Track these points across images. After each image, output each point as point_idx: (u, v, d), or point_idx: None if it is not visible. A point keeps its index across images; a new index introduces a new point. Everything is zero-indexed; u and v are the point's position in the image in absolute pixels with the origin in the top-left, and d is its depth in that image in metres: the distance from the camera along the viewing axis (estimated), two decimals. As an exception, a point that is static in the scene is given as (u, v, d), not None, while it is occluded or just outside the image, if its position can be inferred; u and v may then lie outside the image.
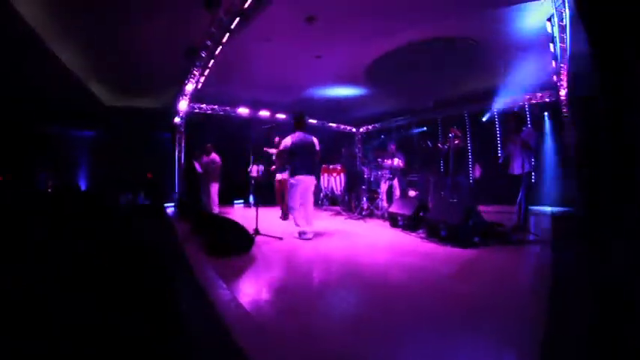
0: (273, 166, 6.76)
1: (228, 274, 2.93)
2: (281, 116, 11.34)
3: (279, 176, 6.57)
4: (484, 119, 10.07)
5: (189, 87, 8.32)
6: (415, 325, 1.98)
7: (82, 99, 9.59)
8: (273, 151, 6.81)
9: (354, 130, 14.54)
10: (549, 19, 5.24)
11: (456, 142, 5.44)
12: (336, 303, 2.39)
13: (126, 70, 8.39)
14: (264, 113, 11.06)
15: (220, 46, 6.55)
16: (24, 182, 9.47)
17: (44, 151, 9.73)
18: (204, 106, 10.26)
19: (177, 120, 9.75)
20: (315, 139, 4.72)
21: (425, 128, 11.51)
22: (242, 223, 3.94)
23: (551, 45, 5.96)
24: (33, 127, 9.55)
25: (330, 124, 13.43)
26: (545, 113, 8.84)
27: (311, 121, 12.18)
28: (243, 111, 10.75)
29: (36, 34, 6.20)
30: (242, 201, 11.11)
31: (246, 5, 5.31)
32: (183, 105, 9.27)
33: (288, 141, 4.49)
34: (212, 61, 7.20)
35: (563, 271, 3.00)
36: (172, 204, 9.89)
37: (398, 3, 5.85)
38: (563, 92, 7.69)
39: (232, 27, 5.82)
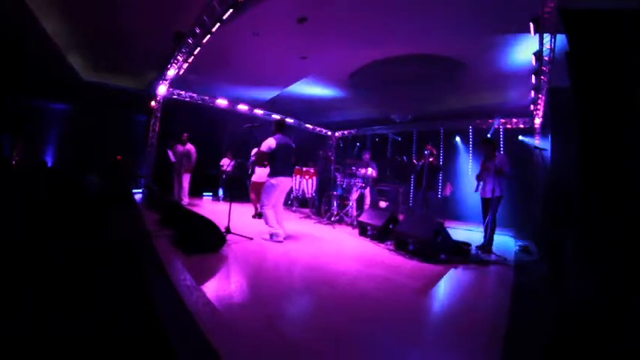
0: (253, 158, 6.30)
1: (199, 272, 2.88)
2: (259, 111, 11.21)
3: (254, 177, 6.39)
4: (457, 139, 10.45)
5: (171, 72, 8.05)
6: (381, 334, 2.04)
7: (59, 69, 9.03)
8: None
9: (329, 133, 14.54)
10: (535, 54, 5.51)
11: (431, 159, 5.59)
12: (307, 309, 2.42)
13: (109, 46, 8.01)
14: (242, 107, 10.86)
15: (209, 35, 6.40)
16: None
17: (12, 119, 9.02)
18: (183, 92, 9.93)
19: (153, 104, 9.39)
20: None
21: (400, 139, 11.72)
22: (214, 219, 3.87)
23: (533, 77, 6.32)
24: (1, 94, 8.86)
25: (307, 125, 13.39)
26: (520, 137, 9.30)
27: (288, 120, 12.11)
28: (221, 102, 10.49)
29: None
30: (211, 194, 10.87)
31: (241, -2, 5.21)
32: (162, 89, 8.95)
33: (272, 143, 4.46)
34: (198, 48, 7.01)
35: (523, 293, 3.17)
36: (140, 190, 9.50)
37: (391, 16, 5.98)
38: (537, 120, 8.11)
39: (225, 17, 5.71)
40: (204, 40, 6.60)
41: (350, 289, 2.88)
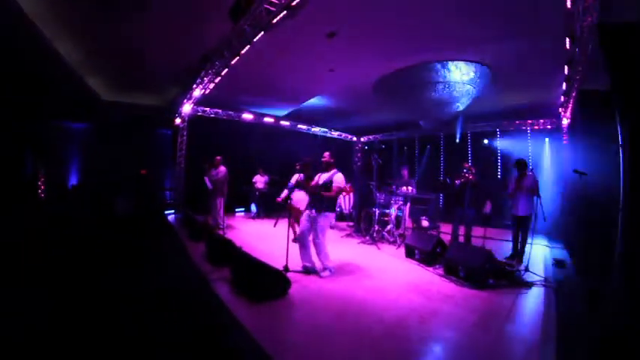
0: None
1: (275, 324, 3.10)
2: (285, 123, 11.21)
3: (295, 203, 5.95)
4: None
5: (197, 92, 8.05)
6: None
7: (77, 90, 9.07)
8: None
9: (354, 139, 14.33)
10: (567, 62, 5.46)
11: (470, 177, 5.67)
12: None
13: (128, 67, 8.03)
14: (268, 120, 10.90)
15: (238, 57, 6.38)
16: (9, 170, 8.88)
17: (34, 140, 9.10)
18: (207, 109, 9.99)
19: (178, 121, 9.42)
20: None
21: (429, 146, 11.67)
22: (265, 248, 3.91)
23: (564, 83, 6.38)
24: (23, 118, 8.92)
25: (333, 133, 13.33)
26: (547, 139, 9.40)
27: (314, 129, 12.12)
28: (247, 117, 10.52)
29: (32, 24, 5.76)
30: (243, 209, 10.98)
31: (275, 20, 5.13)
32: (187, 108, 8.98)
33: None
34: (225, 69, 7.01)
35: (568, 316, 3.38)
36: (172, 210, 9.66)
37: (422, 27, 5.92)
38: (565, 121, 8.29)
39: (255, 40, 5.68)
40: (233, 62, 6.59)
41: (423, 329, 3.12)
